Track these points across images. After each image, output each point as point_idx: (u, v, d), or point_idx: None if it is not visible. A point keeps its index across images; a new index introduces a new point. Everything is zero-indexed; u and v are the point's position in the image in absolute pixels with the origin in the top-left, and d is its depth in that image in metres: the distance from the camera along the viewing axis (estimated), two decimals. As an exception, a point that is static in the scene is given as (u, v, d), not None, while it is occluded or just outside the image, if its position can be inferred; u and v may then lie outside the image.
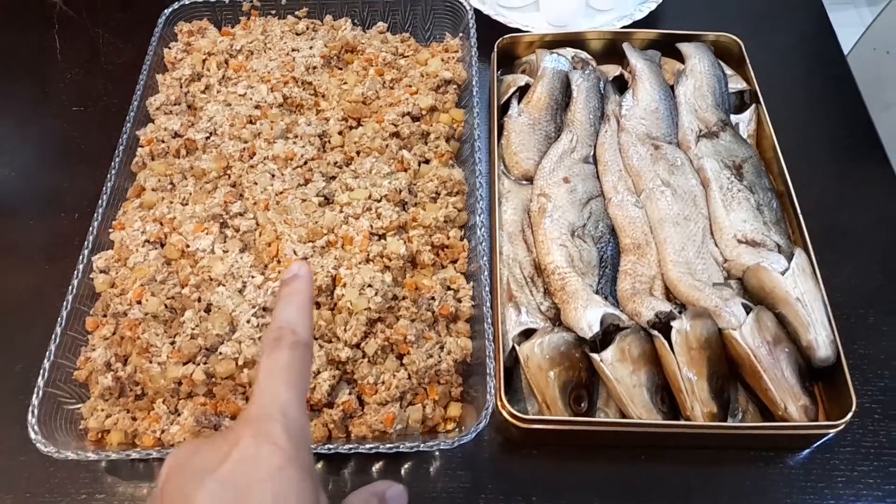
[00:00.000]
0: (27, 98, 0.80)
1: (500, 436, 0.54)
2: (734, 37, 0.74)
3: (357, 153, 0.64)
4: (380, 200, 0.59)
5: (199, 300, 0.53)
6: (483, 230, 0.59)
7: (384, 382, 0.51)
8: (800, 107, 0.76)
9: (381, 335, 0.52)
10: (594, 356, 0.52)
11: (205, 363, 0.51)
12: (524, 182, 0.65)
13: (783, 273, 0.55)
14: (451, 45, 0.74)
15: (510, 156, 0.66)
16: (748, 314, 0.53)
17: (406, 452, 0.51)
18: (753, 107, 0.70)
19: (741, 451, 0.53)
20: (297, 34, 0.74)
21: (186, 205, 0.59)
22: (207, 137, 0.64)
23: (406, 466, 0.53)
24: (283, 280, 0.33)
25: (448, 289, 0.56)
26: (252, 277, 0.54)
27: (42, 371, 0.50)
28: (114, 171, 0.62)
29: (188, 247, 0.56)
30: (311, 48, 0.72)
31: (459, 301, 0.56)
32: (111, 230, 0.59)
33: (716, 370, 0.51)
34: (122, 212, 0.61)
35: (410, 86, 0.69)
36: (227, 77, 0.71)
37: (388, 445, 0.48)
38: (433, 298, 0.55)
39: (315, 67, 0.70)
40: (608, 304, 0.55)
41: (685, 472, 0.53)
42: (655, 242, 0.60)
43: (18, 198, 0.71)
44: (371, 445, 0.48)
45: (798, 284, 0.54)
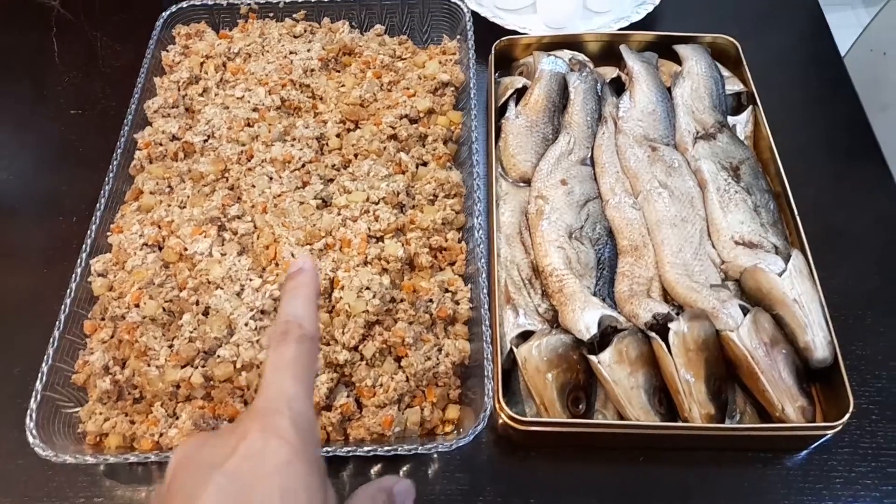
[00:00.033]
0: (25, 101, 0.80)
1: (499, 438, 0.54)
2: (731, 38, 0.74)
3: (355, 156, 0.64)
4: (377, 203, 0.59)
5: (197, 303, 0.53)
6: (481, 232, 0.59)
7: (382, 385, 0.51)
8: (797, 108, 0.77)
9: (379, 338, 0.52)
10: (592, 358, 0.52)
11: (203, 366, 0.51)
12: (522, 184, 0.65)
13: (780, 274, 0.55)
14: (449, 48, 0.74)
15: (508, 158, 0.66)
16: (745, 316, 0.53)
17: (404, 455, 0.51)
18: (750, 108, 0.70)
19: (739, 453, 0.53)
20: (295, 37, 0.74)
21: (184, 208, 0.59)
22: (205, 140, 0.64)
23: (404, 469, 0.53)
24: (289, 274, 0.33)
25: (446, 291, 0.56)
26: (250, 280, 0.54)
27: (40, 375, 0.50)
28: (112, 175, 0.62)
29: (186, 250, 0.56)
30: (309, 51, 0.72)
31: (457, 303, 0.56)
32: (109, 233, 0.59)
33: (713, 372, 0.51)
34: (120, 215, 0.61)
35: (408, 88, 0.69)
36: (225, 80, 0.71)
37: (387, 448, 0.48)
38: (431, 301, 0.55)
39: (313, 70, 0.70)
40: (606, 306, 0.55)
41: (683, 474, 0.53)
42: (653, 244, 0.60)
43: (16, 201, 0.71)
44: (369, 448, 0.48)
45: (795, 286, 0.55)
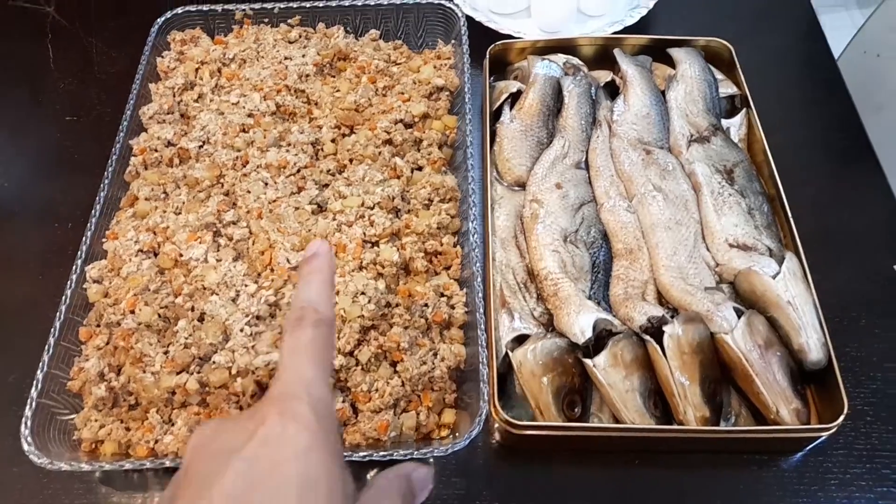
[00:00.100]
0: (20, 107, 0.80)
1: (495, 442, 0.55)
2: (724, 42, 0.74)
3: (350, 161, 0.64)
4: (373, 208, 0.59)
5: (193, 309, 0.53)
6: (476, 236, 0.59)
7: (378, 390, 0.51)
8: (790, 110, 0.77)
9: (375, 342, 0.52)
10: (587, 361, 0.52)
11: (198, 372, 0.51)
12: (517, 188, 0.65)
13: (774, 277, 0.55)
14: (444, 52, 0.74)
15: (502, 162, 0.66)
16: (740, 318, 0.53)
17: (400, 460, 0.51)
18: (744, 111, 0.70)
19: (734, 455, 0.53)
20: (290, 42, 0.74)
21: (179, 214, 0.59)
22: (200, 146, 0.65)
23: (401, 473, 0.53)
24: (304, 259, 0.33)
25: (441, 295, 0.57)
26: (245, 286, 0.54)
27: (35, 382, 0.50)
28: (107, 181, 0.62)
29: (181, 256, 0.56)
30: (304, 56, 0.72)
31: (453, 307, 0.56)
32: (104, 240, 0.59)
33: (708, 374, 0.51)
34: (116, 221, 0.61)
35: (403, 93, 0.69)
36: (220, 86, 0.71)
37: (382, 453, 0.48)
38: (426, 305, 0.55)
39: (308, 75, 0.70)
40: (601, 310, 0.55)
41: (679, 477, 0.53)
42: (647, 247, 0.60)
43: (12, 207, 0.71)
44: (365, 453, 0.48)
45: (789, 288, 0.55)
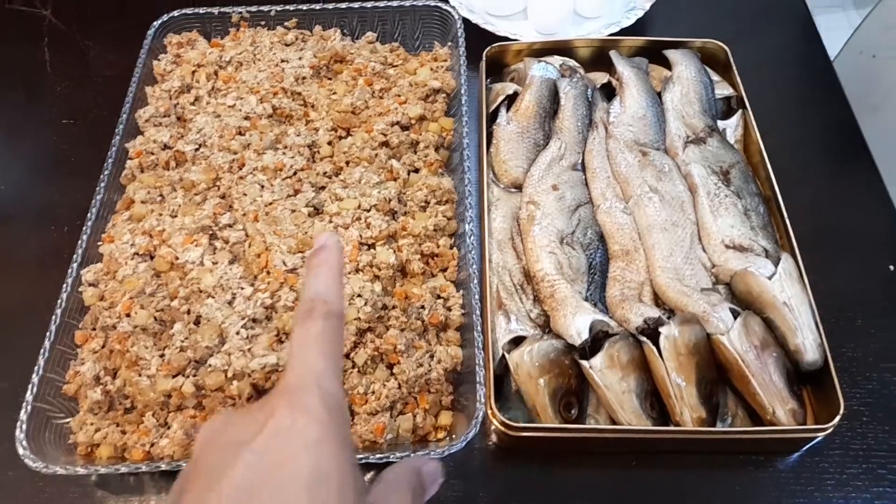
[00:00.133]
0: (17, 110, 0.80)
1: (491, 444, 0.55)
2: (720, 43, 0.74)
3: (346, 163, 0.64)
4: (369, 210, 0.59)
5: (189, 312, 0.53)
6: (472, 238, 0.59)
7: (374, 392, 0.51)
8: (786, 112, 0.77)
9: (371, 345, 0.52)
10: (583, 363, 0.52)
11: (194, 375, 0.51)
12: (513, 190, 0.65)
13: (770, 278, 0.55)
14: (440, 55, 0.74)
15: (499, 164, 0.66)
16: (736, 319, 0.53)
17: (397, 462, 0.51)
18: (740, 112, 0.70)
19: (731, 456, 0.53)
20: (287, 45, 0.75)
21: (175, 217, 0.59)
22: (197, 149, 0.65)
23: (397, 476, 0.53)
24: (312, 251, 0.33)
25: (438, 297, 0.57)
26: (241, 289, 0.54)
27: (31, 386, 0.50)
28: (103, 184, 0.62)
29: (177, 259, 0.56)
30: (301, 59, 0.72)
31: (449, 310, 0.56)
32: (100, 243, 0.59)
33: (704, 375, 0.51)
34: (112, 224, 0.61)
35: (399, 95, 0.69)
36: (217, 88, 0.71)
37: (379, 455, 0.48)
38: (423, 307, 0.55)
39: (304, 78, 0.70)
40: (597, 311, 0.55)
41: (676, 478, 0.53)
42: (644, 249, 0.60)
43: (8, 210, 0.71)
44: (361, 456, 0.48)
45: (785, 289, 0.55)
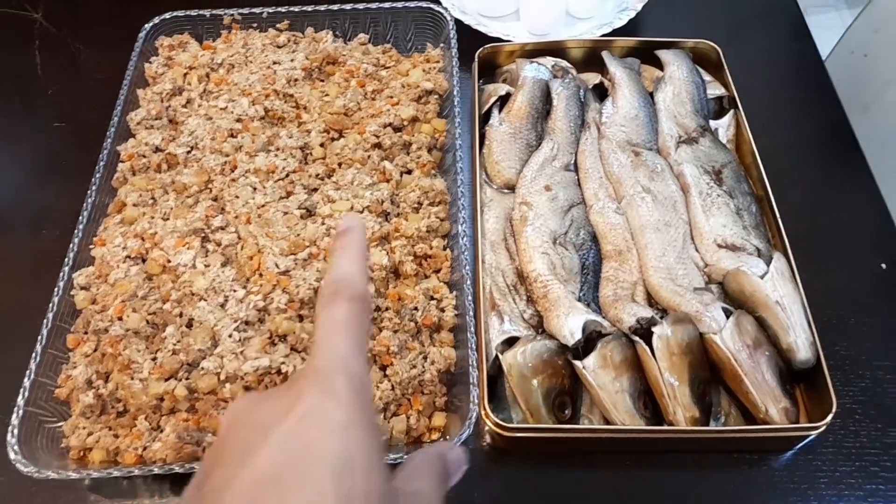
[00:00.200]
0: (7, 114, 0.79)
1: (485, 445, 0.54)
2: (712, 43, 0.75)
3: (339, 165, 0.64)
4: (362, 212, 0.59)
5: (181, 315, 0.53)
6: (465, 239, 0.59)
7: (367, 394, 0.51)
8: (778, 111, 0.77)
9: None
10: (576, 363, 0.52)
11: (187, 379, 0.50)
12: (506, 191, 0.65)
13: (762, 277, 0.55)
14: (433, 56, 0.74)
15: (492, 165, 0.66)
16: (728, 318, 0.53)
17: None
18: (732, 112, 0.71)
19: (724, 455, 0.53)
20: (279, 47, 0.74)
21: (167, 219, 0.59)
22: (188, 152, 0.64)
23: (392, 478, 0.53)
24: (337, 233, 0.33)
25: (431, 299, 0.56)
26: (234, 291, 0.54)
27: (22, 390, 0.50)
28: (94, 187, 0.62)
29: (169, 262, 0.56)
30: (293, 61, 0.72)
31: (443, 311, 0.56)
32: (92, 246, 0.59)
33: (697, 375, 0.51)
34: (103, 227, 0.61)
35: (392, 97, 0.69)
36: (209, 91, 0.71)
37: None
38: (416, 309, 0.55)
39: (296, 80, 0.70)
40: (590, 311, 0.55)
41: (670, 477, 0.53)
42: (637, 248, 0.60)
43: (0, 214, 0.71)
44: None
45: (777, 288, 0.55)
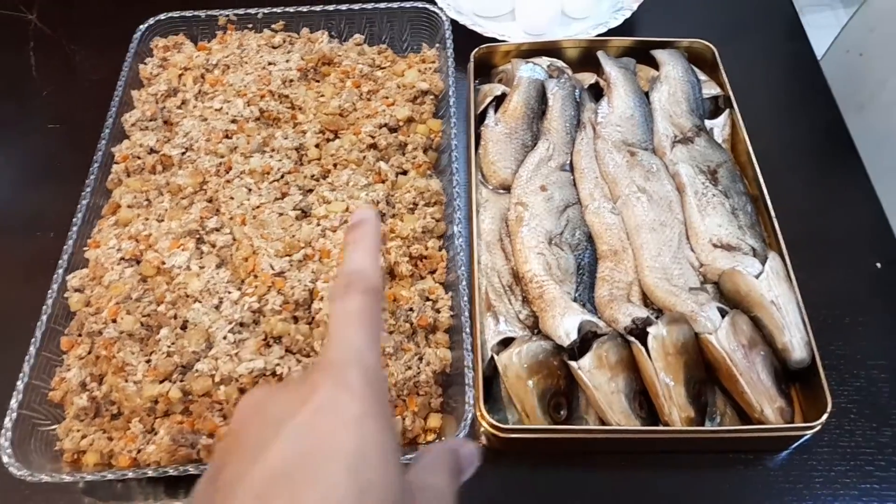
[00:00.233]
0: (2, 115, 0.79)
1: (481, 446, 0.54)
2: (707, 43, 0.75)
3: (334, 166, 0.64)
4: (356, 213, 0.59)
5: (176, 317, 0.53)
6: (461, 240, 0.59)
7: (363, 395, 0.51)
8: (774, 111, 0.77)
9: (359, 348, 0.52)
10: (572, 364, 0.52)
11: (181, 381, 0.50)
12: (502, 191, 0.65)
13: (758, 276, 0.55)
14: (428, 56, 0.74)
15: (487, 165, 0.66)
16: (724, 318, 0.53)
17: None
18: (727, 112, 0.71)
19: (720, 455, 0.53)
20: (274, 48, 0.74)
21: (162, 221, 0.59)
22: (183, 153, 0.64)
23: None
24: (350, 225, 0.32)
25: (426, 299, 0.56)
26: (228, 293, 0.53)
27: (15, 393, 0.50)
28: (89, 189, 0.61)
29: (164, 263, 0.56)
30: (288, 61, 0.72)
31: (438, 312, 0.56)
32: (86, 248, 0.59)
33: (693, 375, 0.51)
34: (98, 229, 0.60)
35: (387, 97, 0.69)
36: (204, 92, 0.70)
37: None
38: (411, 310, 0.55)
39: (292, 80, 0.70)
40: (586, 312, 0.55)
41: (665, 477, 0.53)
42: (632, 248, 0.60)
43: (-6, 217, 0.71)
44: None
45: (772, 287, 0.55)
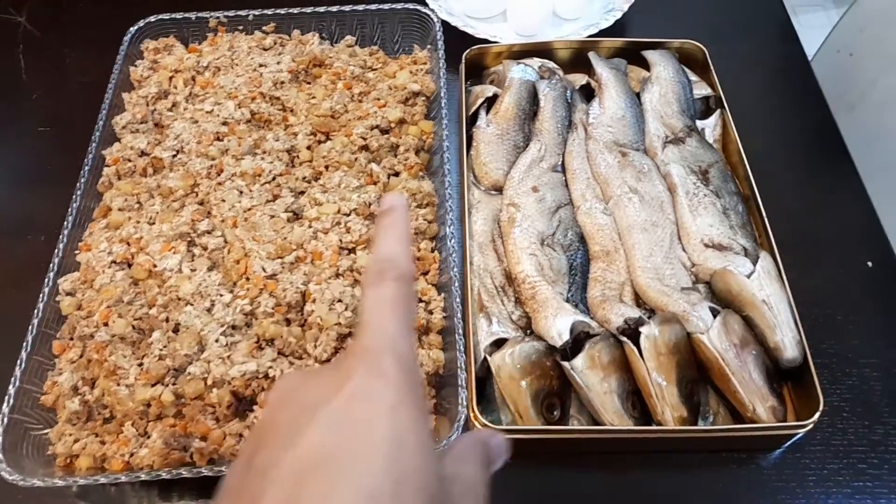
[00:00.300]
0: (-8, 119, 0.79)
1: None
2: (698, 43, 0.75)
3: (326, 167, 0.64)
4: (349, 214, 0.59)
5: (167, 320, 0.53)
6: (453, 241, 0.59)
7: (356, 397, 0.50)
8: (765, 111, 0.78)
9: (352, 350, 0.52)
10: (565, 364, 0.52)
11: (173, 384, 0.50)
12: (494, 192, 0.65)
13: (749, 276, 0.56)
14: (420, 58, 0.74)
15: (479, 166, 0.66)
16: (715, 318, 0.53)
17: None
18: (718, 112, 0.71)
19: (713, 454, 0.53)
20: (265, 49, 0.74)
21: (153, 224, 0.59)
22: (174, 155, 0.64)
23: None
24: (381, 212, 0.32)
25: (419, 301, 0.56)
26: (220, 296, 0.53)
27: (7, 397, 0.50)
28: (79, 192, 0.61)
29: (155, 266, 0.55)
30: (279, 63, 0.71)
31: (431, 313, 0.56)
32: (77, 251, 0.59)
33: (685, 374, 0.52)
34: (89, 233, 0.60)
35: (379, 99, 0.69)
36: (195, 94, 0.70)
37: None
38: (404, 311, 0.55)
39: (283, 82, 0.70)
40: (578, 312, 0.55)
41: (658, 476, 0.53)
42: (624, 249, 0.60)
43: (-15, 220, 0.71)
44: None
45: (764, 287, 0.55)
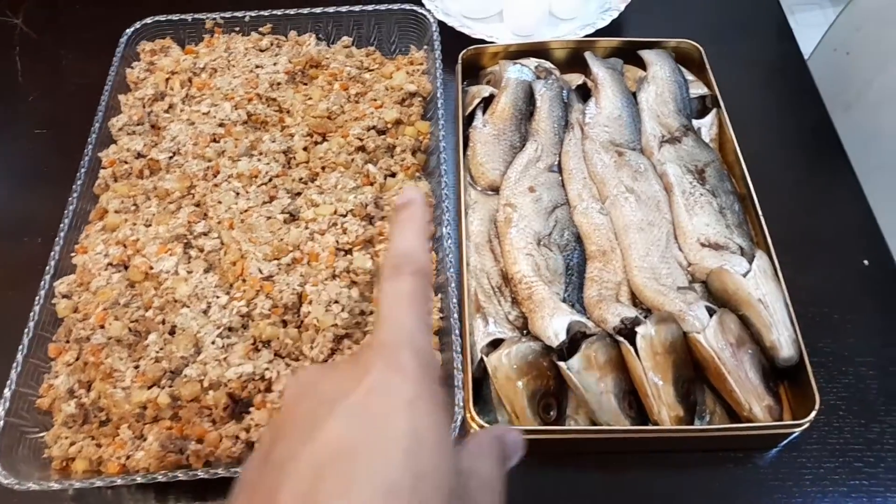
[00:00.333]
0: (-12, 121, 0.79)
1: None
2: (694, 43, 0.75)
3: (322, 168, 0.64)
4: (345, 215, 0.59)
5: (164, 322, 0.53)
6: (450, 242, 0.59)
7: (352, 399, 0.50)
8: (761, 110, 0.78)
9: (349, 351, 0.52)
10: (561, 364, 0.52)
11: (170, 386, 0.50)
12: (490, 192, 0.65)
13: (745, 275, 0.56)
14: (416, 58, 0.74)
15: (476, 167, 0.66)
16: (711, 317, 0.53)
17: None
18: (714, 111, 0.71)
19: (710, 453, 0.54)
20: (261, 51, 0.74)
21: (150, 226, 0.59)
22: (171, 157, 0.64)
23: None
24: (398, 205, 0.32)
25: (416, 302, 0.56)
26: (217, 298, 0.53)
27: (3, 401, 0.49)
28: (76, 194, 0.61)
29: (152, 268, 0.55)
30: (276, 64, 0.71)
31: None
32: (73, 254, 0.59)
33: (681, 374, 0.52)
34: (85, 235, 0.60)
35: (375, 99, 0.69)
36: (191, 96, 0.70)
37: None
38: (401, 312, 0.55)
39: (279, 83, 0.70)
40: (575, 312, 0.55)
41: (655, 476, 0.53)
42: (620, 248, 0.60)
43: (-20, 222, 0.71)
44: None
45: (760, 286, 0.55)
